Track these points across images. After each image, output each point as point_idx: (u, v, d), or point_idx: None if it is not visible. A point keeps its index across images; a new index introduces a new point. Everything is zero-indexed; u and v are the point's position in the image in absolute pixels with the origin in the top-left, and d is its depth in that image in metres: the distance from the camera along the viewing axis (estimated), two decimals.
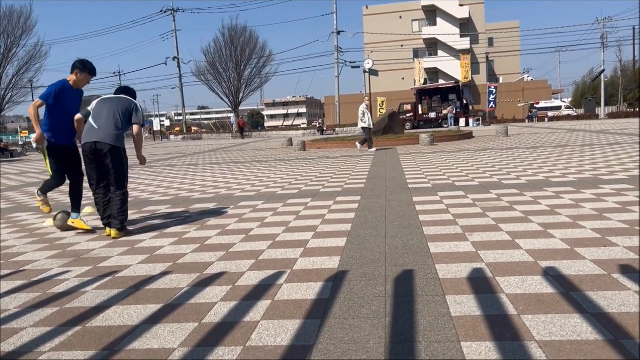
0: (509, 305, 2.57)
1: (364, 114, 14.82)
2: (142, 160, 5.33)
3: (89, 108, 5.03)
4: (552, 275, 2.99)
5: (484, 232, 4.17)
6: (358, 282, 3.07)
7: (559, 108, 44.52)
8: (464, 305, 2.61)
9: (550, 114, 41.78)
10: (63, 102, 5.07)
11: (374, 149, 15.50)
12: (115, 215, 4.84)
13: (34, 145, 5.16)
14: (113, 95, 5.14)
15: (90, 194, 5.25)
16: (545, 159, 9.96)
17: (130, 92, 5.31)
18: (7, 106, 44.96)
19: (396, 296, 2.78)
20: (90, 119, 4.94)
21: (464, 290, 2.83)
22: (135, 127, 5.00)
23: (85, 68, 5.19)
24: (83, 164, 5.13)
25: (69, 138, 5.19)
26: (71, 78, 5.16)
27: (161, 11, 53.10)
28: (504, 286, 2.85)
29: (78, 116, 5.08)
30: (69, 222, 5.20)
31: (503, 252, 3.53)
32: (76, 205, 5.25)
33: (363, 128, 15.13)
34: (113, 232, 4.84)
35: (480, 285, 2.90)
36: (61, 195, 8.45)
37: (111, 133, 4.83)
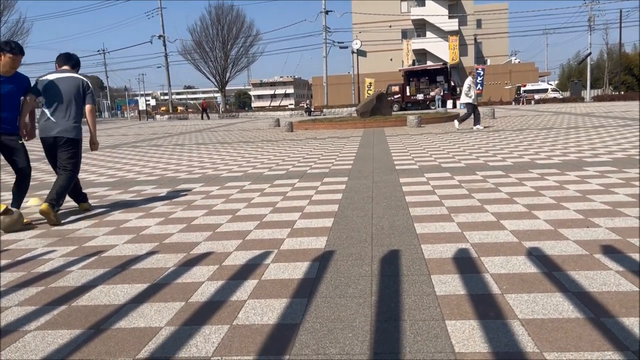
0: (492, 284, 2.61)
1: (469, 87, 13.93)
2: (95, 146, 5.12)
3: (38, 87, 4.81)
4: (536, 255, 3.03)
5: (470, 213, 4.21)
6: (344, 261, 3.09)
7: (545, 91, 44.76)
8: (449, 284, 2.64)
9: (536, 96, 42.00)
10: None
11: (481, 126, 14.39)
12: (54, 191, 4.63)
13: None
14: (62, 75, 4.85)
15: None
16: (531, 141, 10.04)
17: (74, 60, 5.06)
18: None
19: (382, 275, 2.81)
20: (45, 109, 4.79)
21: (449, 269, 2.86)
22: (88, 107, 4.92)
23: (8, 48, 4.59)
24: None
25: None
26: None
27: None
28: (488, 266, 2.89)
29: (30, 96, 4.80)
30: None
31: (488, 233, 3.57)
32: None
33: (467, 104, 14.06)
34: (43, 206, 4.51)
35: (465, 265, 2.93)
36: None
37: (70, 126, 4.80)
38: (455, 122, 14.75)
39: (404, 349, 1.98)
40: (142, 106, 53.78)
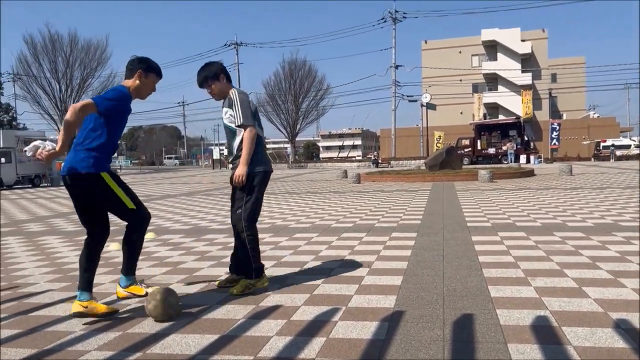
0: (577, 358, 2.43)
1: None
2: None
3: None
4: (624, 329, 2.81)
5: (548, 277, 3.99)
6: (415, 323, 3.00)
7: (628, 147, 42.47)
8: (528, 355, 2.49)
9: (618, 152, 39.91)
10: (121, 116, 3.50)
11: None
12: (250, 258, 3.86)
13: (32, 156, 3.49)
14: (241, 89, 3.86)
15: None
16: (614, 201, 9.48)
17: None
18: None
19: (455, 341, 2.70)
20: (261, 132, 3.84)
21: (527, 339, 2.70)
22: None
23: (150, 68, 3.63)
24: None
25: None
26: (130, 84, 3.55)
27: (225, 45, 55.27)
28: (570, 337, 2.71)
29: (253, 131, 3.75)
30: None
31: (569, 300, 3.36)
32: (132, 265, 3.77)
33: None
34: (265, 282, 3.92)
35: (545, 334, 2.76)
36: None
37: None
38: None
39: None
40: (216, 155, 56.24)
